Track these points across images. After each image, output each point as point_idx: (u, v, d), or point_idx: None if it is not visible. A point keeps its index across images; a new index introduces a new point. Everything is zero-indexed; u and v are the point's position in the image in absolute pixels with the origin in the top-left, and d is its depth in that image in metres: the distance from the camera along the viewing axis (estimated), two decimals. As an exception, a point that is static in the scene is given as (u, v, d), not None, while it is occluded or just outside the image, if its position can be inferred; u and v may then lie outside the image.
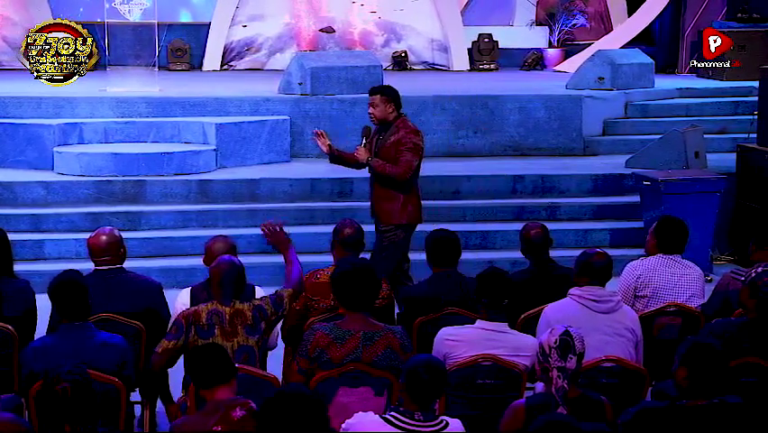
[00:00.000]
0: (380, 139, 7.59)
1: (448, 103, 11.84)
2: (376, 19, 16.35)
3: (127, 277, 5.99)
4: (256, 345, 5.19)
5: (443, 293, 5.87)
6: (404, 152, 7.47)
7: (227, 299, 5.26)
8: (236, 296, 5.28)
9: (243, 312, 5.25)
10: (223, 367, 4.29)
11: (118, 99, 11.39)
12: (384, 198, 7.56)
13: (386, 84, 7.75)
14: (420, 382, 4.15)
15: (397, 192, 7.53)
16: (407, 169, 7.47)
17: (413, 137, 7.54)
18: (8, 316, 5.71)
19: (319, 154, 11.47)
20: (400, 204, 7.55)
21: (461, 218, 10.20)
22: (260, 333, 5.22)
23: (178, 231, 9.83)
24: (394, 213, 7.55)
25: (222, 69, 15.70)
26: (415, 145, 7.52)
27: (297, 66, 11.85)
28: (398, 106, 7.61)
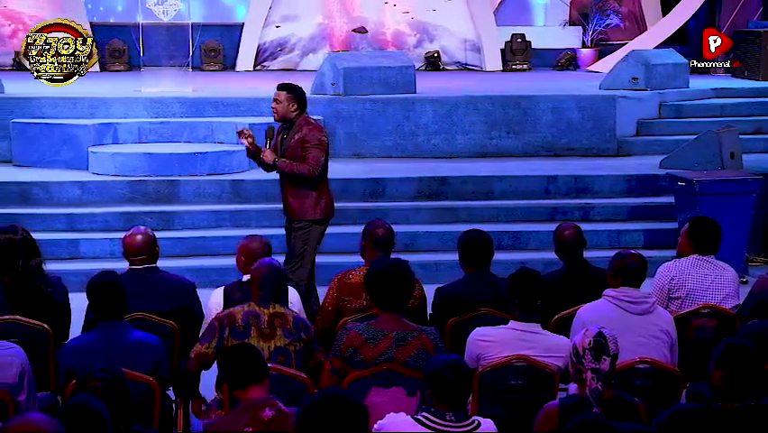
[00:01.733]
0: (285, 138, 7.57)
1: (481, 103, 11.81)
2: (409, 19, 16.35)
3: (161, 276, 6.03)
4: (293, 349, 5.19)
5: (475, 294, 5.85)
6: (310, 150, 7.44)
7: (266, 301, 5.27)
8: (276, 299, 5.29)
9: (285, 316, 5.26)
10: (255, 367, 4.29)
11: (152, 99, 11.46)
12: (295, 195, 7.54)
13: (294, 84, 7.69)
14: (443, 382, 4.14)
15: (307, 189, 7.52)
16: (316, 166, 7.45)
17: (317, 133, 7.52)
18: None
19: (352, 155, 11.55)
20: (313, 200, 7.54)
21: (493, 219, 10.17)
22: (299, 339, 5.21)
23: (211, 231, 9.87)
24: (307, 209, 7.54)
25: (255, 69, 15.76)
26: (320, 141, 7.50)
27: (330, 66, 11.86)
28: (302, 107, 7.58)
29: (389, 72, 11.94)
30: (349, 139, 11.56)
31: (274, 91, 7.64)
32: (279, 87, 7.63)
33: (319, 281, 8.36)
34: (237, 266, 6.03)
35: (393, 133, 11.64)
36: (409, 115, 11.68)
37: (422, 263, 8.80)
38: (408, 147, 11.64)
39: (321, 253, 9.68)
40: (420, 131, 11.69)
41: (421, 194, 10.53)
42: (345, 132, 11.56)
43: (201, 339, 5.31)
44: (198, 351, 5.26)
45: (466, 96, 11.89)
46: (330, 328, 5.83)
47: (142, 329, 5.34)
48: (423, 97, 11.83)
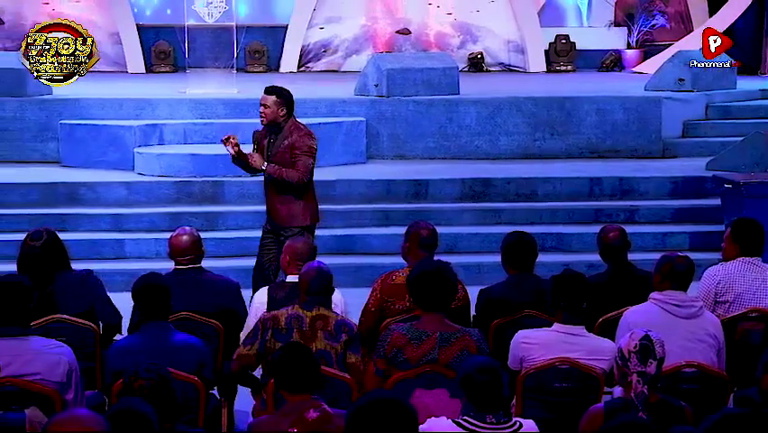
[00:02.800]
0: (272, 142, 7.44)
1: (524, 104, 11.76)
2: (452, 20, 16.33)
3: (206, 276, 6.06)
4: (335, 352, 5.20)
5: (519, 296, 5.83)
6: (300, 156, 7.35)
7: (311, 304, 5.28)
8: (322, 303, 5.30)
9: (327, 318, 5.27)
10: (312, 378, 4.30)
11: (197, 101, 11.54)
12: (283, 201, 7.43)
13: (281, 87, 7.57)
14: (476, 385, 4.12)
15: (295, 196, 7.42)
16: (305, 173, 7.37)
17: (307, 140, 7.42)
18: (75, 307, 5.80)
19: (395, 156, 11.55)
20: (301, 207, 7.45)
21: (537, 221, 10.13)
22: (339, 342, 5.22)
23: (255, 231, 9.83)
24: (296, 216, 7.43)
25: (299, 70, 15.81)
26: (309, 148, 7.41)
27: (374, 67, 11.87)
28: (291, 111, 7.47)
29: (433, 73, 11.93)
30: (392, 140, 11.57)
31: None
32: (267, 90, 7.47)
33: (362, 283, 8.37)
34: (281, 266, 6.05)
35: (436, 134, 11.63)
36: (452, 116, 11.66)
37: (464, 265, 8.78)
38: (452, 148, 11.63)
39: (364, 253, 9.75)
40: (463, 132, 11.66)
41: (464, 195, 10.51)
42: (388, 133, 11.57)
43: (244, 341, 5.33)
44: (240, 353, 5.29)
45: (510, 98, 11.85)
46: (373, 330, 5.83)
47: (187, 329, 5.38)
48: (466, 99, 11.81)
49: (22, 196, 10.10)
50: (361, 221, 10.12)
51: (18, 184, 10.19)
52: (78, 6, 15.72)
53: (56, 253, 5.84)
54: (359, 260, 9.56)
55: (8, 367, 4.51)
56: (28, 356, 4.72)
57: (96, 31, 15.68)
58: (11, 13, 15.67)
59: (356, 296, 6.54)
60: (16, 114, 11.19)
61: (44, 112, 11.23)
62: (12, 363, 4.62)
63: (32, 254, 5.77)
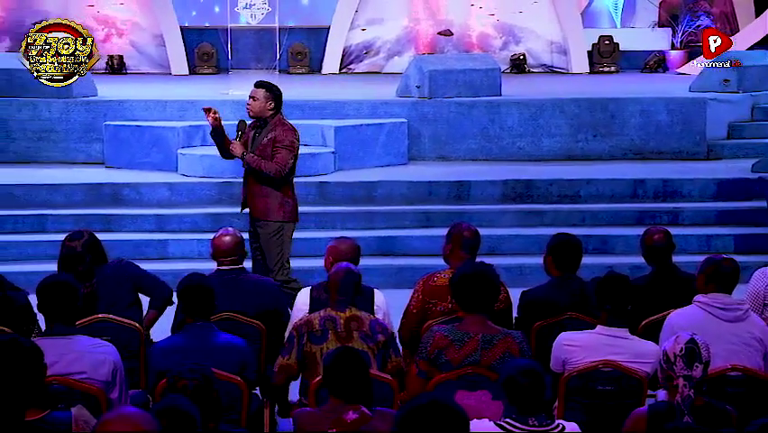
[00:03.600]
0: (257, 136, 7.52)
1: (567, 106, 11.71)
2: (494, 21, 16.29)
3: (248, 277, 6.10)
4: (372, 352, 5.21)
5: (562, 298, 5.80)
6: (280, 150, 7.41)
7: (343, 305, 5.30)
8: (353, 303, 5.31)
9: (361, 319, 5.28)
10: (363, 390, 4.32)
11: (240, 102, 11.53)
12: (259, 194, 7.49)
13: (273, 83, 7.64)
14: (517, 387, 4.11)
15: (272, 188, 7.46)
16: (283, 167, 7.41)
17: (290, 135, 7.48)
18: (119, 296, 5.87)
19: (436, 157, 11.54)
20: (278, 200, 7.49)
21: (579, 223, 10.07)
22: (376, 342, 5.22)
23: (297, 232, 9.91)
24: (270, 210, 7.48)
25: (341, 71, 15.85)
26: (291, 143, 7.46)
27: (416, 69, 11.87)
28: (279, 107, 7.54)
29: (475, 75, 11.91)
30: (434, 142, 11.56)
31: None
32: (258, 84, 7.58)
33: (403, 284, 8.38)
34: (325, 266, 6.07)
35: (478, 135, 11.61)
36: (495, 117, 11.63)
37: (506, 267, 8.74)
38: (494, 150, 11.59)
39: (405, 255, 9.75)
40: (505, 133, 11.63)
41: (506, 197, 10.48)
42: (430, 134, 11.56)
43: (282, 351, 5.36)
44: (280, 364, 5.32)
45: (552, 99, 11.80)
46: (415, 331, 5.83)
47: (229, 330, 5.41)
48: (508, 100, 11.77)
49: (66, 196, 10.21)
50: (403, 222, 10.12)
51: (63, 185, 10.30)
52: (122, 8, 15.87)
53: (96, 253, 5.93)
54: (400, 261, 9.57)
55: (54, 366, 4.56)
56: (74, 355, 4.76)
57: (140, 32, 15.84)
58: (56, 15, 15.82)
59: (397, 297, 6.54)
60: (62, 115, 11.31)
61: (89, 113, 11.35)
62: (58, 361, 4.66)
63: (73, 255, 5.84)
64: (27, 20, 15.72)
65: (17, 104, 11.24)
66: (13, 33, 15.67)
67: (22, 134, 11.24)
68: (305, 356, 5.25)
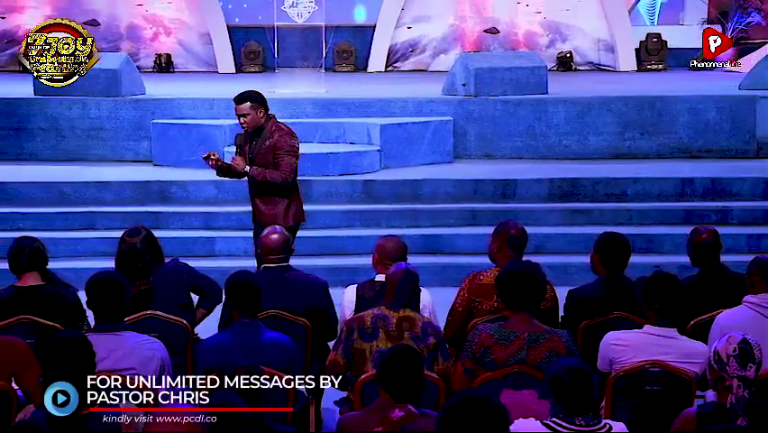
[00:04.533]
0: (254, 145, 7.39)
1: (614, 104, 11.63)
2: (541, 19, 16.22)
3: (294, 275, 6.11)
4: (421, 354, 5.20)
5: (609, 297, 5.77)
6: (282, 156, 7.33)
7: (398, 305, 5.31)
8: (408, 303, 5.32)
9: (413, 320, 5.29)
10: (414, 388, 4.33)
11: (286, 100, 11.65)
12: (267, 202, 7.42)
13: (248, 90, 7.49)
14: (564, 387, 4.09)
15: (279, 196, 7.41)
16: (289, 173, 7.34)
17: (288, 139, 7.38)
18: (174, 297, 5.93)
19: (482, 155, 11.52)
20: (284, 207, 7.44)
21: (626, 221, 10.01)
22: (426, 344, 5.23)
23: (343, 230, 9.98)
24: (279, 216, 7.39)
25: (386, 70, 15.87)
26: (291, 147, 7.37)
27: (462, 67, 11.85)
28: (267, 108, 7.42)
29: (521, 73, 11.86)
30: (479, 140, 11.53)
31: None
32: (238, 100, 7.39)
33: (448, 282, 8.37)
34: (372, 264, 6.08)
35: (524, 133, 11.57)
36: (541, 115, 11.58)
37: (552, 265, 8.69)
38: (540, 148, 11.55)
39: (450, 253, 9.74)
40: (552, 132, 11.58)
41: (552, 195, 10.44)
42: (476, 132, 11.54)
43: (334, 346, 5.41)
44: (330, 359, 5.37)
45: (599, 97, 11.73)
46: (460, 330, 5.82)
47: (276, 327, 5.43)
48: (555, 98, 11.72)
49: (115, 194, 10.32)
50: (448, 221, 10.11)
51: (112, 183, 10.41)
52: (170, 7, 16.00)
53: (153, 251, 6.00)
54: (445, 259, 9.56)
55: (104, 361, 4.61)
56: (123, 351, 4.82)
57: (188, 31, 15.97)
58: (105, 15, 16.01)
59: (442, 295, 6.53)
60: (111, 113, 11.43)
61: (138, 111, 11.45)
62: (107, 357, 4.72)
63: (131, 252, 5.91)
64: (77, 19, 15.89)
65: (67, 102, 11.37)
66: (63, 33, 15.85)
67: (71, 132, 11.38)
68: (353, 353, 5.27)
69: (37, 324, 5.47)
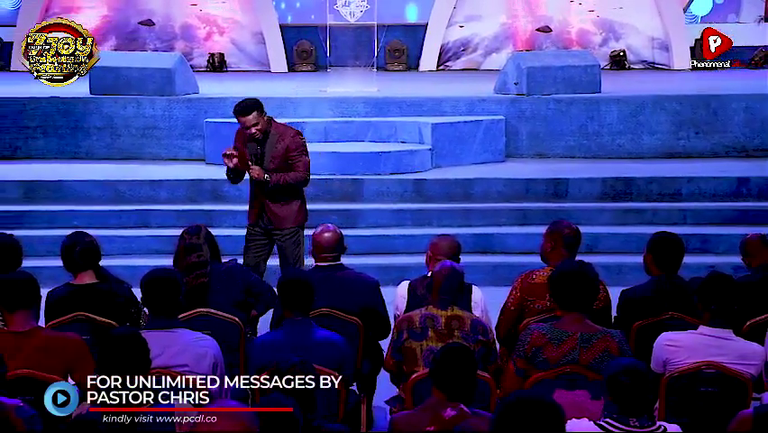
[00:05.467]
0: (262, 149, 7.39)
1: (668, 103, 11.52)
2: (594, 18, 16.10)
3: (346, 273, 6.13)
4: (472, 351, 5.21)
5: (663, 297, 5.72)
6: (298, 157, 7.39)
7: (445, 304, 5.31)
8: (455, 302, 5.32)
9: (462, 318, 5.29)
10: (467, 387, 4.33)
11: (338, 99, 11.69)
12: (280, 204, 7.46)
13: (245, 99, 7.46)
14: (621, 387, 4.05)
15: (291, 197, 7.47)
16: (307, 172, 7.44)
17: (299, 139, 7.46)
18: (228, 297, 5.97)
19: (534, 154, 11.47)
20: (297, 206, 7.51)
21: (680, 221, 9.92)
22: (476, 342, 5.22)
23: (394, 229, 9.99)
24: (293, 216, 7.48)
25: (438, 69, 15.85)
26: (304, 146, 7.47)
27: (514, 66, 11.81)
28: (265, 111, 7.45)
29: (574, 71, 11.79)
30: (531, 139, 11.48)
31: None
32: (243, 112, 7.35)
33: (499, 281, 8.36)
34: (426, 263, 6.10)
35: (576, 133, 11.49)
36: (594, 114, 11.50)
37: (605, 265, 8.64)
38: (592, 147, 11.47)
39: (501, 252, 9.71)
40: (604, 131, 11.49)
41: (605, 195, 10.37)
42: (528, 131, 11.49)
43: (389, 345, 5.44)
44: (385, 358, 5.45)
45: (653, 96, 11.62)
46: (512, 329, 5.81)
47: (328, 326, 5.45)
48: (608, 97, 11.63)
49: (169, 192, 10.41)
50: (499, 220, 10.08)
51: (166, 181, 10.51)
52: (224, 7, 16.11)
53: (212, 248, 6.06)
54: (496, 259, 9.53)
55: (158, 358, 4.65)
56: (177, 348, 4.86)
57: (241, 30, 16.06)
58: (160, 14, 16.16)
59: (493, 295, 6.52)
60: (165, 112, 11.54)
61: (191, 110, 11.55)
62: (161, 354, 4.76)
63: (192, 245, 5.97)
64: (132, 19, 16.08)
65: (122, 101, 11.50)
66: (119, 32, 16.04)
67: (126, 131, 11.50)
68: (404, 352, 5.29)
69: (92, 321, 5.55)
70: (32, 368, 4.69)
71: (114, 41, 16.02)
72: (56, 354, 4.83)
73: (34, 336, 4.90)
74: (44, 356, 4.80)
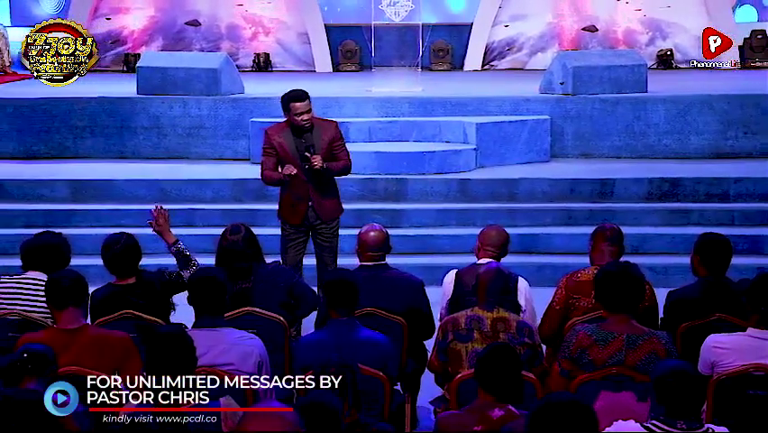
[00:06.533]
0: (307, 142, 7.46)
1: (716, 102, 11.40)
2: (641, 17, 15.98)
3: (391, 273, 6.14)
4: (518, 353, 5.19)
5: (710, 299, 5.66)
6: (342, 146, 7.55)
7: (491, 305, 5.30)
8: (500, 303, 5.30)
9: (508, 321, 5.27)
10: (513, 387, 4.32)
11: (382, 99, 11.69)
12: (328, 197, 7.59)
13: (297, 88, 7.70)
14: (668, 389, 4.02)
15: (334, 187, 7.64)
16: (349, 160, 7.62)
17: (339, 129, 7.65)
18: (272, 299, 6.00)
19: (579, 154, 11.39)
20: (338, 197, 7.70)
21: (728, 222, 9.81)
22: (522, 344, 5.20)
23: (438, 229, 9.98)
24: (336, 207, 7.68)
25: (483, 68, 15.81)
26: (343, 136, 7.67)
27: (559, 65, 11.75)
28: None
29: (620, 71, 11.71)
30: (577, 139, 11.42)
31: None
32: (299, 98, 7.51)
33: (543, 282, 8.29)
34: (474, 251, 6.12)
35: (623, 132, 11.41)
36: (640, 114, 11.42)
37: (651, 266, 8.60)
38: (638, 147, 11.38)
39: (546, 253, 9.66)
40: (651, 131, 11.40)
41: (651, 195, 10.29)
42: (573, 131, 11.43)
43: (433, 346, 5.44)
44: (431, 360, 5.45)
45: (701, 96, 11.51)
46: (557, 329, 5.79)
47: (372, 325, 5.46)
48: (654, 96, 11.54)
49: (214, 192, 10.48)
50: (544, 220, 10.04)
51: (211, 180, 10.57)
52: (269, 7, 16.19)
53: (254, 249, 6.08)
54: (541, 259, 9.49)
55: (203, 357, 4.68)
56: (222, 347, 4.89)
57: (286, 30, 16.13)
58: (207, 15, 16.28)
59: (537, 295, 6.48)
60: (211, 112, 11.61)
61: (236, 110, 11.62)
62: (207, 352, 4.79)
63: (233, 250, 6.00)
64: (179, 20, 16.21)
65: (169, 101, 11.59)
66: (166, 33, 16.17)
67: (172, 131, 11.59)
68: (449, 354, 5.28)
69: (139, 319, 5.60)
70: (80, 365, 4.74)
71: (161, 41, 16.16)
72: (104, 352, 4.88)
73: (83, 334, 4.96)
74: (93, 354, 4.85)
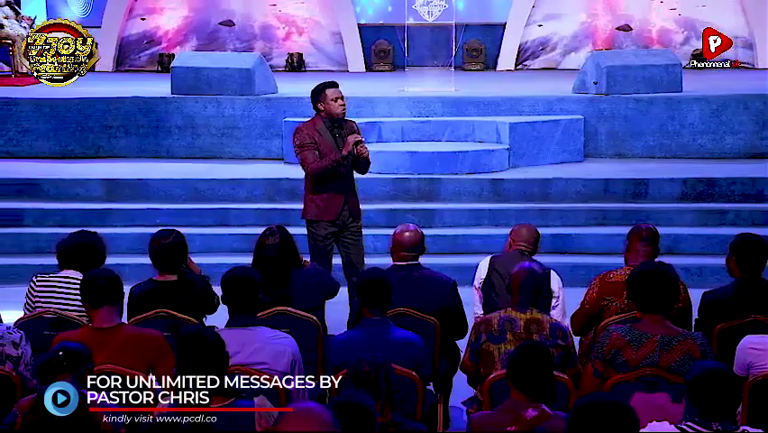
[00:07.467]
0: (340, 137, 7.52)
1: (752, 102, 11.31)
2: (676, 16, 15.87)
3: (424, 273, 6.13)
4: None
5: (746, 300, 5.62)
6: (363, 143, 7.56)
7: (524, 306, 5.29)
8: (534, 304, 5.29)
9: (541, 322, 5.26)
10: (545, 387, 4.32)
11: (415, 99, 11.69)
12: (356, 194, 7.65)
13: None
14: (703, 390, 3.99)
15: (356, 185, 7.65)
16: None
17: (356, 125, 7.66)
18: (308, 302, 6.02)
19: (613, 154, 11.34)
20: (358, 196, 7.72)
21: (764, 223, 9.73)
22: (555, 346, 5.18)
23: (471, 229, 9.97)
24: (358, 204, 7.67)
25: (516, 68, 15.76)
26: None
27: (593, 65, 11.69)
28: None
29: (655, 70, 11.64)
30: (611, 138, 11.36)
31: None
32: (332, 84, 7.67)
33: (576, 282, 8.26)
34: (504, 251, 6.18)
35: (657, 132, 11.34)
36: (674, 114, 11.34)
37: (685, 267, 8.54)
38: (673, 147, 11.31)
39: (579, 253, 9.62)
40: (685, 130, 11.33)
41: (686, 195, 10.22)
42: (607, 131, 11.37)
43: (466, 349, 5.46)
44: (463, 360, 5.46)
45: (736, 95, 11.41)
46: (586, 328, 5.79)
47: (404, 325, 5.46)
48: (689, 96, 11.46)
49: (248, 191, 10.52)
50: (577, 220, 10.00)
51: (245, 180, 10.62)
52: (303, 7, 16.22)
53: (290, 251, 6.09)
54: (574, 259, 9.45)
55: (236, 356, 4.70)
56: (256, 346, 4.91)
57: (319, 30, 16.16)
58: (240, 15, 16.34)
59: (570, 295, 6.48)
60: (244, 111, 11.66)
61: (270, 110, 11.65)
62: (240, 351, 4.81)
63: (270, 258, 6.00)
64: (213, 20, 16.28)
65: (203, 101, 11.65)
66: (200, 33, 16.24)
67: (206, 131, 11.64)
68: (481, 355, 5.28)
69: (174, 317, 5.63)
70: (115, 364, 4.78)
71: (195, 41, 16.24)
72: (139, 351, 4.91)
73: (118, 333, 4.99)
74: (127, 353, 4.88)
